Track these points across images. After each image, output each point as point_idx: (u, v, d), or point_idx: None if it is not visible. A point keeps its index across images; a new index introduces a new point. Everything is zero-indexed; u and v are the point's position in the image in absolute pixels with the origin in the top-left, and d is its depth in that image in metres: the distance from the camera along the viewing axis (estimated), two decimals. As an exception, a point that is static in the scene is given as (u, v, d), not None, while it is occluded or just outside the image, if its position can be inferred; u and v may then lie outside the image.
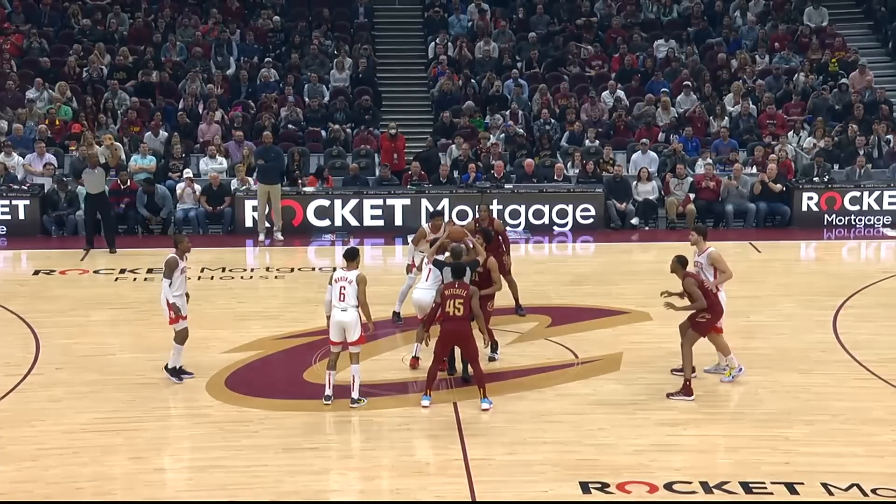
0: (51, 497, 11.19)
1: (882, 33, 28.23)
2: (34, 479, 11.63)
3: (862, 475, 11.42)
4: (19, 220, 21.47)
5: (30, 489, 11.40)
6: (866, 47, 27.83)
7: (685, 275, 13.77)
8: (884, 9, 28.35)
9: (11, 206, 21.60)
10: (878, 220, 22.48)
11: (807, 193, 22.62)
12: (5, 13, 26.98)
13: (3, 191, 21.85)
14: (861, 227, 22.47)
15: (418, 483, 11.47)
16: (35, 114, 24.08)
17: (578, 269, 19.99)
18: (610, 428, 12.78)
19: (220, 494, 11.19)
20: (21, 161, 22.62)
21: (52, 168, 22.36)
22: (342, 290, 13.07)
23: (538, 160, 23.49)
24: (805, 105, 25.43)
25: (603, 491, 11.23)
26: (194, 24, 27.14)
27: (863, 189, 22.58)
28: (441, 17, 27.92)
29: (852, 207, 22.54)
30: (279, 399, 13.70)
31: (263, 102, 24.99)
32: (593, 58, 26.79)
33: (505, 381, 14.11)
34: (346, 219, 22.03)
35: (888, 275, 19.21)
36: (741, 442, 12.37)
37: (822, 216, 22.50)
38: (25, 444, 12.42)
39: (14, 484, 11.52)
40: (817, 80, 26.07)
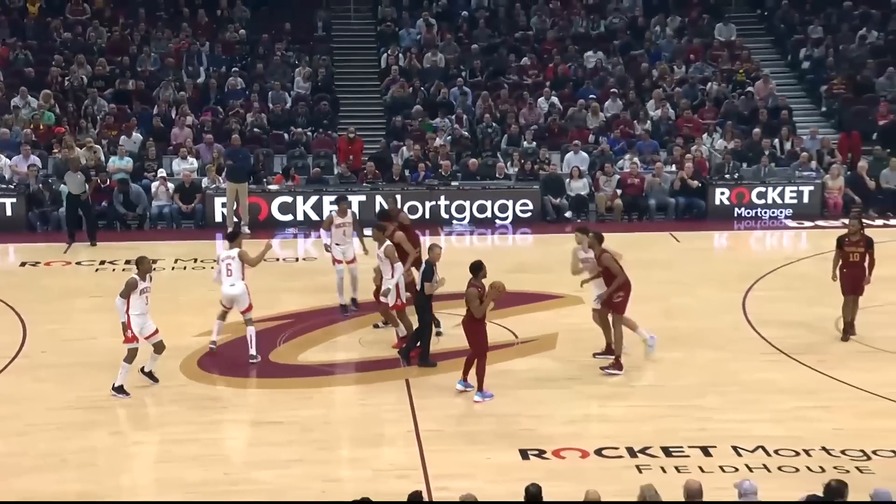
0: (39, 468, 11.04)
1: (782, 47, 28.56)
2: (23, 451, 11.48)
3: (766, 438, 11.56)
4: (6, 216, 21.15)
5: (19, 461, 11.25)
6: (768, 60, 28.10)
7: (602, 251, 13.70)
8: (783, 26, 28.70)
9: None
10: (780, 212, 22.70)
11: (719, 189, 22.80)
12: (-8, 28, 26.54)
13: (-9, 190, 21.54)
14: (766, 218, 22.69)
15: (374, 453, 11.46)
16: (21, 119, 23.70)
17: (518, 258, 20.01)
18: (546, 401, 12.84)
19: (193, 465, 11.10)
20: (8, 162, 22.28)
21: (37, 169, 22.03)
22: (228, 267, 13.53)
23: (481, 160, 23.48)
24: (717, 110, 25.61)
25: (540, 457, 11.27)
26: (167, 37, 26.80)
27: (767, 185, 22.80)
28: (392, 31, 27.80)
29: (759, 201, 22.74)
30: (246, 377, 13.63)
31: (231, 108, 24.76)
32: (530, 67, 26.81)
33: (452, 359, 14.10)
34: (307, 214, 21.90)
35: (790, 260, 19.43)
36: (662, 412, 12.46)
37: (733, 209, 22.68)
38: (14, 421, 12.25)
39: (4, 457, 11.36)
40: (727, 89, 26.27)
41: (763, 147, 23.84)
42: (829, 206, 22.68)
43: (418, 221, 21.77)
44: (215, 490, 10.29)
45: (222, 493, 10.15)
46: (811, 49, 27.60)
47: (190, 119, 24.09)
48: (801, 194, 22.74)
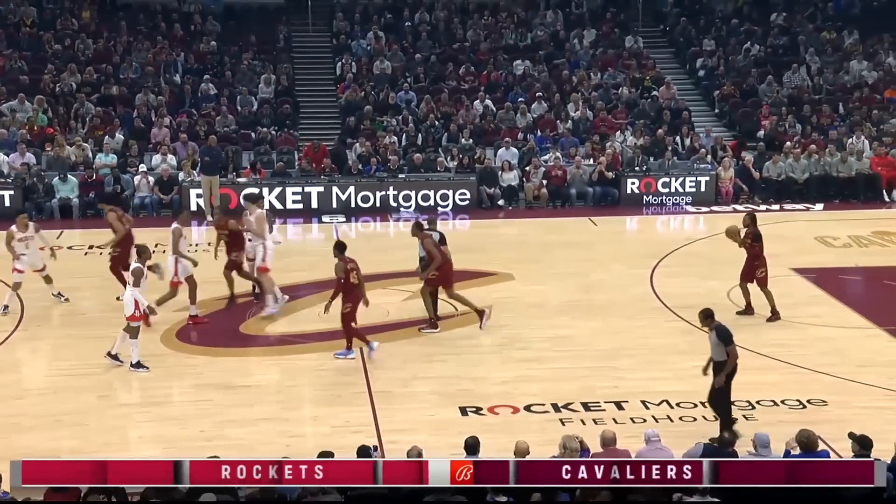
0: (36, 428, 10.85)
1: (681, 57, 28.80)
2: (22, 412, 11.28)
3: (670, 393, 11.70)
4: (5, 206, 20.65)
5: (18, 421, 11.06)
6: (670, 68, 28.29)
7: (423, 236, 13.85)
8: (682, 39, 28.94)
9: (-2, 195, 20.83)
10: (682, 199, 22.88)
11: (630, 179, 22.94)
12: (-10, 40, 25.87)
13: (-10, 183, 21.07)
14: (670, 204, 22.89)
15: (332, 411, 11.40)
16: (17, 121, 23.15)
17: (458, 241, 19.84)
18: (482, 364, 12.86)
19: (172, 424, 10.98)
20: (6, 159, 21.79)
21: (29, 166, 21.57)
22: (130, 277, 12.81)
23: (425, 155, 23.39)
24: (628, 112, 25.76)
25: (477, 414, 11.29)
26: (146, 48, 26.30)
27: (671, 176, 23.00)
28: (346, 42, 27.56)
29: (664, 190, 22.90)
30: (219, 347, 13.49)
31: (203, 111, 24.42)
32: (466, 74, 26.73)
33: (400, 329, 14.09)
34: (272, 203, 21.66)
35: (689, 241, 19.65)
36: (582, 373, 12.54)
37: (642, 197, 22.84)
38: (13, 387, 12.04)
39: (4, 417, 11.15)
40: (636, 93, 26.43)
41: (666, 143, 24.04)
42: (722, 193, 22.96)
43: (370, 209, 21.78)
44: (193, 445, 10.18)
45: (199, 447, 10.02)
46: (706, 59, 27.89)
47: (167, 120, 23.69)
48: (698, 184, 22.95)
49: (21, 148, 21.87)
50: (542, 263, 17.67)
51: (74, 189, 21.23)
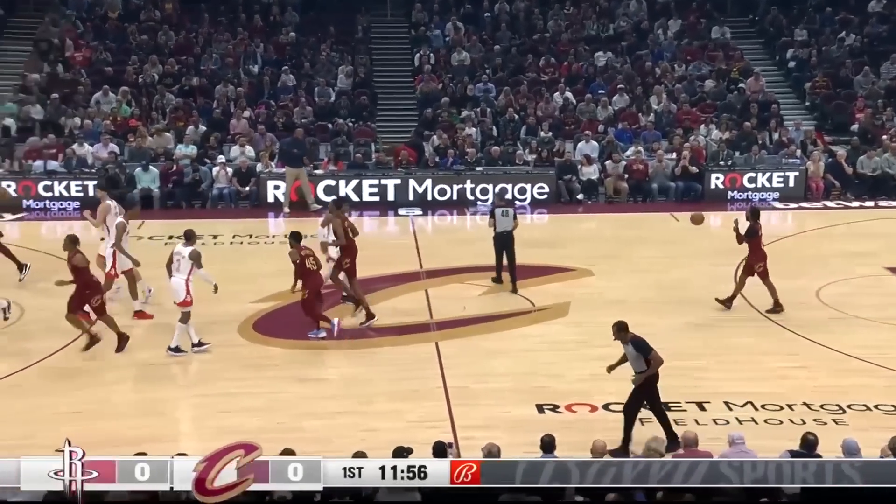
0: (117, 415, 11.14)
1: (771, 48, 28.18)
2: (104, 399, 11.62)
3: (755, 395, 11.50)
4: (89, 196, 21.22)
5: (100, 408, 11.39)
6: (759, 59, 27.72)
7: (337, 215, 14.10)
8: (772, 29, 28.32)
9: (83, 185, 21.39)
10: (768, 195, 22.47)
11: (714, 174, 22.60)
12: (78, 32, 26.58)
13: (76, 173, 21.67)
14: (756, 200, 22.44)
15: (407, 406, 11.46)
16: (101, 112, 23.79)
17: (535, 235, 19.93)
18: (559, 362, 12.80)
19: (249, 415, 11.17)
20: (90, 150, 22.39)
21: (115, 155, 22.14)
22: (178, 262, 12.97)
23: (503, 148, 23.37)
24: (713, 104, 25.35)
25: (554, 411, 11.26)
26: (226, 39, 26.78)
27: (757, 171, 22.57)
28: (424, 33, 27.67)
29: (750, 185, 22.51)
30: (295, 339, 13.67)
31: (282, 102, 24.79)
32: (546, 66, 26.61)
33: (476, 324, 14.11)
34: (349, 195, 21.87)
35: (774, 238, 19.20)
36: (661, 372, 12.36)
37: (727, 192, 22.47)
38: (96, 374, 12.38)
39: (89, 404, 11.49)
40: (722, 85, 25.98)
41: (754, 137, 23.59)
42: (812, 189, 22.45)
43: (447, 203, 21.84)
44: (269, 437, 10.25)
45: (276, 439, 10.16)
46: (797, 50, 27.25)
47: (246, 112, 24.10)
48: (787, 179, 22.50)
49: (105, 139, 22.47)
50: (622, 259, 17.51)
51: (155, 180, 21.74)
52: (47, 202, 21.02)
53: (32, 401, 11.60)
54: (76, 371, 12.53)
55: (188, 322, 12.89)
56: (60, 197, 21.22)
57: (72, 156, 22.04)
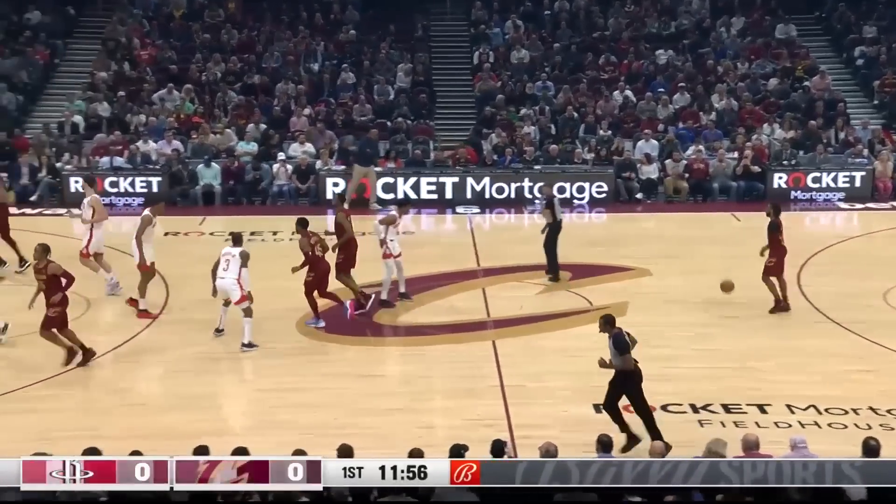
0: (177, 408, 11.28)
1: (838, 45, 27.62)
2: (164, 393, 11.79)
3: (818, 398, 11.28)
4: (153, 192, 21.61)
5: (161, 402, 11.56)
6: (825, 57, 27.18)
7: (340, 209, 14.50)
8: (839, 26, 27.74)
9: (147, 181, 21.75)
10: (833, 195, 22.04)
11: (778, 174, 22.22)
12: (144, 31, 27.04)
13: (140, 170, 22.04)
14: (820, 201, 22.05)
15: (464, 403, 11.43)
16: (165, 110, 24.16)
17: (594, 234, 19.81)
18: (617, 361, 12.66)
19: (306, 410, 11.23)
20: (154, 146, 22.75)
21: (178, 152, 22.47)
22: (227, 262, 13.07)
23: (561, 146, 23.24)
24: (777, 102, 24.92)
25: (611, 411, 11.12)
26: (288, 38, 27.03)
27: (822, 170, 22.14)
28: (483, 31, 27.64)
29: (814, 185, 22.10)
30: (354, 336, 13.73)
31: (341, 100, 24.95)
32: (606, 64, 26.40)
33: (533, 323, 14.04)
34: (406, 193, 21.94)
35: (840, 239, 18.88)
36: (722, 373, 12.23)
37: (790, 192, 22.09)
38: (158, 367, 12.58)
39: (150, 397, 11.67)
40: (787, 83, 25.52)
41: (819, 136, 23.14)
42: (880, 189, 21.97)
43: (505, 201, 21.76)
44: (326, 432, 10.37)
45: (332, 434, 10.22)
46: (866, 47, 26.65)
47: (306, 109, 24.29)
48: (853, 179, 22.04)
49: (168, 136, 22.82)
50: (681, 259, 17.31)
51: (217, 176, 22.01)
52: (113, 198, 21.40)
53: (97, 393, 11.82)
54: (139, 364, 12.73)
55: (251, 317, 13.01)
56: (125, 193, 21.60)
57: (136, 152, 22.42)
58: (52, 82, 25.85)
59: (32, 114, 24.86)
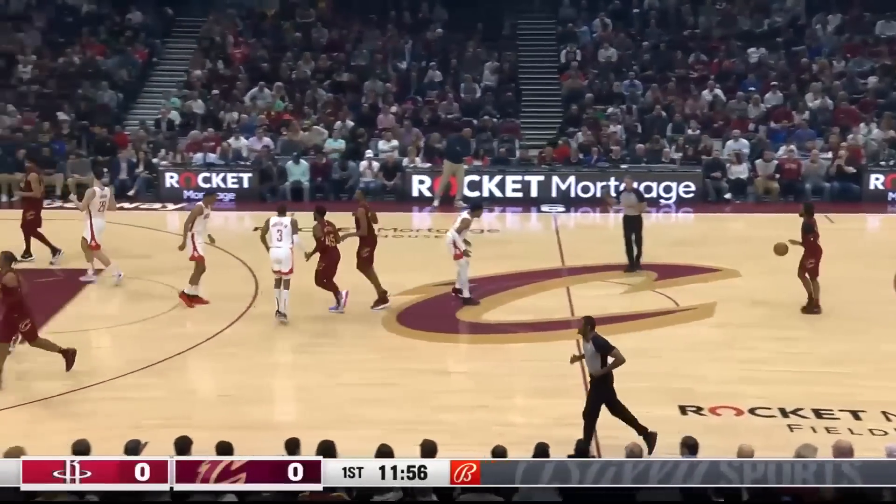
0: (263, 401, 11.42)
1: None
2: (251, 385, 11.93)
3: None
4: (244, 188, 22.00)
5: (247, 393, 11.69)
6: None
7: (362, 204, 14.43)
8: (945, 21, 26.72)
9: (238, 177, 22.15)
10: (935, 197, 21.27)
11: (874, 175, 21.53)
12: (238, 30, 27.54)
13: (231, 166, 22.45)
14: (920, 202, 21.30)
15: (545, 402, 11.33)
16: (256, 107, 24.57)
17: (680, 235, 19.46)
18: (703, 363, 12.44)
19: (389, 405, 11.26)
20: (245, 143, 23.14)
21: (268, 149, 22.82)
22: (280, 232, 13.57)
23: (648, 145, 22.90)
24: (874, 102, 24.12)
25: (698, 413, 10.93)
26: (376, 36, 27.23)
27: (922, 171, 21.42)
28: (571, 30, 27.40)
29: (913, 187, 21.39)
30: (437, 332, 13.74)
31: (428, 98, 25.02)
32: (696, 62, 25.92)
33: (618, 323, 13.84)
34: (492, 191, 21.89)
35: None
36: (812, 377, 11.88)
37: (887, 194, 21.37)
38: (244, 360, 12.76)
39: (236, 389, 11.84)
40: (886, 81, 24.68)
41: (920, 136, 22.35)
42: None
43: (590, 200, 21.51)
44: (408, 428, 10.36)
45: (413, 430, 10.21)
46: (970, 45, 25.63)
47: (394, 107, 24.43)
48: (953, 181, 21.24)
49: (259, 132, 23.20)
50: (771, 260, 16.80)
51: (306, 173, 22.29)
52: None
53: (189, 383, 12.07)
54: (228, 356, 12.93)
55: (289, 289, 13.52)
56: (217, 188, 22.00)
57: (228, 149, 22.85)
58: (150, 80, 26.53)
59: (131, 111, 25.56)
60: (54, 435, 9.66)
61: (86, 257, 15.55)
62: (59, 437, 9.27)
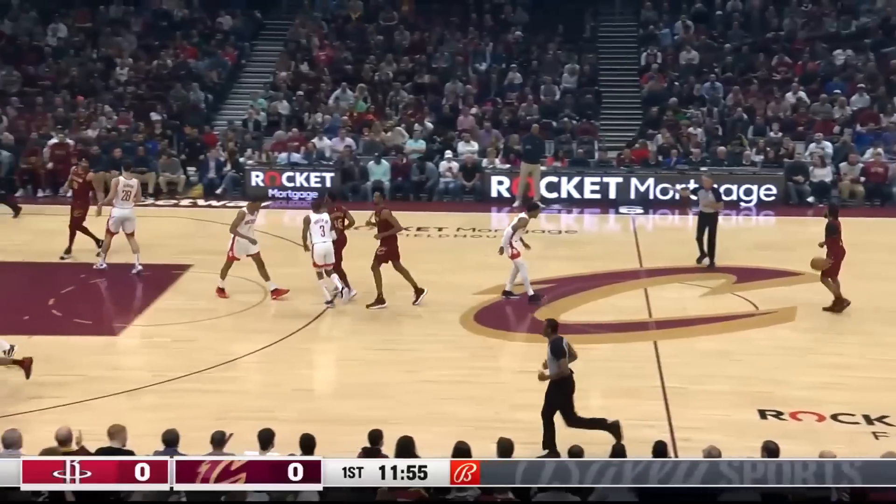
0: (350, 395, 11.53)
1: None
2: (338, 381, 12.08)
3: None
4: (326, 187, 22.23)
5: (335, 388, 11.85)
6: None
7: (381, 208, 14.46)
8: None
9: (321, 176, 22.41)
10: None
11: (966, 178, 20.81)
12: (323, 33, 27.87)
13: (315, 165, 22.73)
14: None
15: (625, 403, 11.21)
16: (339, 108, 24.83)
17: (761, 238, 19.07)
18: (784, 367, 12.18)
19: (470, 403, 11.27)
20: (328, 143, 23.40)
21: (350, 149, 23.04)
22: (322, 228, 14.15)
23: (729, 147, 22.49)
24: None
25: (778, 418, 10.70)
26: (457, 38, 27.28)
27: None
28: (652, 32, 27.07)
29: None
30: (514, 332, 13.71)
31: (508, 99, 24.97)
32: (779, 64, 25.37)
33: (697, 325, 13.64)
34: (570, 192, 21.74)
35: None
36: (891, 385, 11.51)
37: (979, 198, 20.65)
38: (330, 356, 12.93)
39: (323, 384, 11.98)
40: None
41: None
42: None
43: (669, 202, 21.20)
44: (485, 425, 10.37)
45: (491, 428, 10.22)
46: None
47: (474, 109, 24.45)
48: None
49: (342, 133, 23.46)
50: (854, 265, 16.35)
51: (386, 173, 22.44)
52: (289, 192, 22.16)
53: (272, 377, 12.24)
54: (310, 351, 13.11)
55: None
56: (301, 187, 22.31)
57: (312, 149, 23.14)
58: (238, 82, 27.03)
59: (220, 111, 26.08)
60: (145, 423, 9.90)
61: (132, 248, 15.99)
62: (149, 426, 9.50)
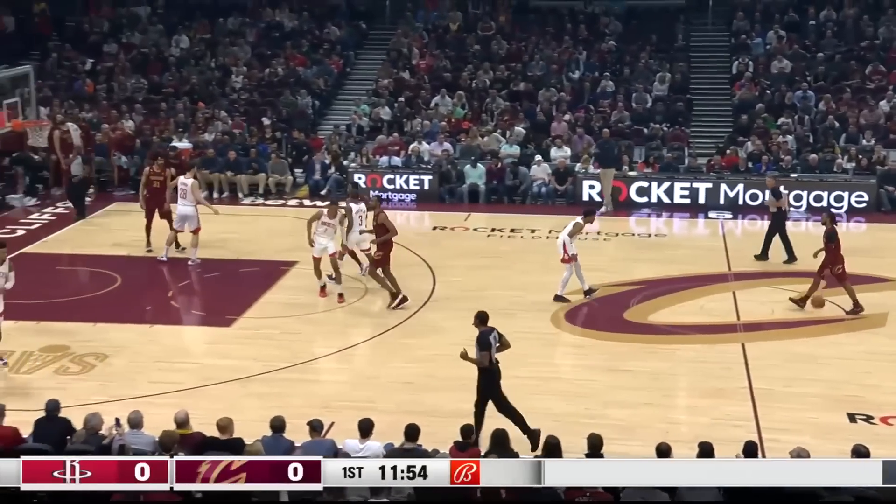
0: (442, 388, 11.64)
1: None
2: (431, 374, 12.17)
3: None
4: (424, 189, 22.41)
5: (427, 382, 11.93)
6: None
7: (379, 211, 14.41)
8: None
9: (419, 179, 22.60)
10: None
11: None
12: (423, 42, 28.12)
13: (414, 168, 22.94)
14: None
15: (710, 403, 11.07)
16: (438, 114, 25.01)
17: (851, 244, 18.42)
18: (875, 371, 11.82)
19: (559, 398, 11.27)
20: (427, 147, 23.58)
21: (447, 153, 23.18)
22: (361, 218, 14.81)
23: (820, 155, 21.87)
24: None
25: (867, 422, 10.40)
26: (552, 47, 27.19)
27: None
28: (744, 41, 26.49)
29: None
30: (604, 331, 13.63)
31: (600, 106, 24.78)
32: (874, 73, 24.54)
33: (785, 329, 13.35)
34: (660, 197, 21.45)
35: None
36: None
37: None
38: (426, 350, 13.04)
39: (418, 377, 12.09)
40: None
41: None
42: None
43: (759, 208, 20.73)
44: (576, 421, 10.35)
45: (582, 423, 10.19)
46: None
47: (567, 115, 24.34)
48: None
49: (440, 138, 23.63)
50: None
51: (482, 176, 22.50)
52: (389, 193, 22.43)
53: (374, 369, 12.44)
54: (408, 346, 13.26)
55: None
56: (400, 189, 22.55)
57: (412, 153, 23.37)
58: (343, 89, 27.49)
59: (326, 116, 26.56)
60: (255, 410, 10.19)
61: (191, 242, 16.43)
62: (258, 412, 9.78)
